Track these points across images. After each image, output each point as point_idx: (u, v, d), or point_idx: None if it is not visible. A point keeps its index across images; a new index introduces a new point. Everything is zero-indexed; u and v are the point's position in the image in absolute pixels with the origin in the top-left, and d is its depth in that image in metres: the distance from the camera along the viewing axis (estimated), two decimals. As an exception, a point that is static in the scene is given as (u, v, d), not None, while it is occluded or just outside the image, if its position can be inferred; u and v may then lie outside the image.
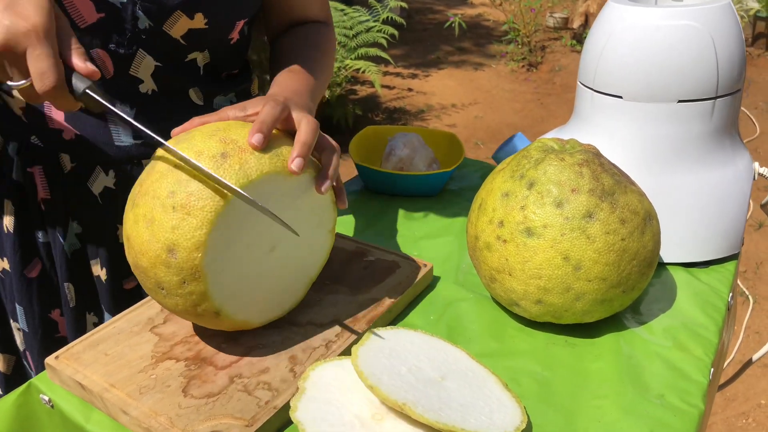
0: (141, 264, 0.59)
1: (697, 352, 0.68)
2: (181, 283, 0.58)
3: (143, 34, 0.74)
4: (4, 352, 0.91)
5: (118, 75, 0.76)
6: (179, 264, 0.57)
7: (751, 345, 2.16)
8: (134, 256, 0.59)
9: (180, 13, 0.74)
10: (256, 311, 0.65)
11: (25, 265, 0.85)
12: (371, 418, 0.55)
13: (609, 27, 0.80)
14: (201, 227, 0.56)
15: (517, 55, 5.14)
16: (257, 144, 0.58)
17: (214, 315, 0.61)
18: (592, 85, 0.82)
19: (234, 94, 0.88)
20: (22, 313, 0.86)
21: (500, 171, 0.71)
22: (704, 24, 0.76)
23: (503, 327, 0.72)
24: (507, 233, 0.67)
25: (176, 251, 0.57)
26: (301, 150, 0.60)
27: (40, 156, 0.80)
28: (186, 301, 0.59)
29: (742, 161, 0.83)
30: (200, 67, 0.81)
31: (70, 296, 0.85)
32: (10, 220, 0.83)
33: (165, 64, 0.77)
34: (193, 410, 0.58)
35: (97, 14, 0.71)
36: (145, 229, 0.57)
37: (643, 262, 0.67)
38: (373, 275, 0.76)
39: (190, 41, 0.77)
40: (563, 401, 0.62)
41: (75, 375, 0.62)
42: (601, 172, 0.66)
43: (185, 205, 0.56)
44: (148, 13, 0.73)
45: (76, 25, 0.71)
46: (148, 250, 0.57)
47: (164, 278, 0.58)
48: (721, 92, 0.77)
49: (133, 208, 0.59)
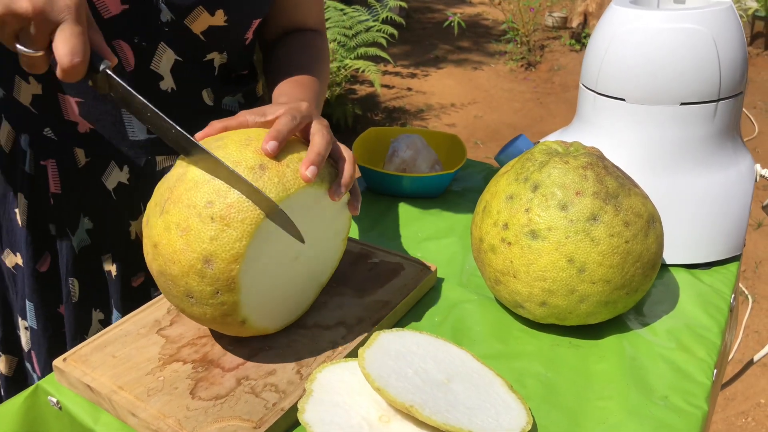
0: (170, 272, 0.58)
1: (700, 354, 0.68)
2: (214, 293, 0.58)
3: (165, 26, 0.74)
4: (6, 353, 0.91)
5: (139, 68, 0.76)
6: (215, 275, 0.57)
7: (751, 344, 2.16)
8: (162, 263, 0.59)
9: (201, 9, 0.74)
10: (275, 318, 0.66)
11: (37, 260, 0.85)
12: (378, 420, 0.56)
13: (611, 30, 0.80)
14: (241, 239, 0.57)
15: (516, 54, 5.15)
16: (270, 151, 0.59)
17: (240, 323, 0.61)
18: (595, 88, 0.83)
19: (241, 94, 0.88)
20: (32, 309, 0.86)
21: (504, 173, 0.72)
22: (706, 27, 0.76)
23: (508, 329, 0.73)
24: (511, 236, 0.67)
25: (213, 262, 0.57)
26: (315, 158, 0.61)
27: (54, 149, 0.80)
28: (215, 310, 0.59)
29: (744, 163, 0.83)
30: (216, 68, 0.82)
31: (73, 291, 0.85)
32: (23, 214, 0.83)
33: (185, 59, 0.78)
34: (201, 412, 0.58)
35: (121, 5, 0.72)
36: (179, 238, 0.57)
37: (647, 264, 0.67)
38: (378, 277, 0.77)
39: (209, 38, 0.78)
40: (568, 402, 0.62)
41: (83, 377, 0.62)
42: (605, 175, 0.67)
43: (224, 217, 0.56)
44: (170, 6, 0.73)
45: (100, 15, 0.71)
46: (181, 259, 0.57)
47: (196, 288, 0.58)
48: (723, 95, 0.78)
49: (163, 215, 0.59)
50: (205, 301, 0.58)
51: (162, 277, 0.60)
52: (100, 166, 0.80)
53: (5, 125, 0.81)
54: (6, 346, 0.90)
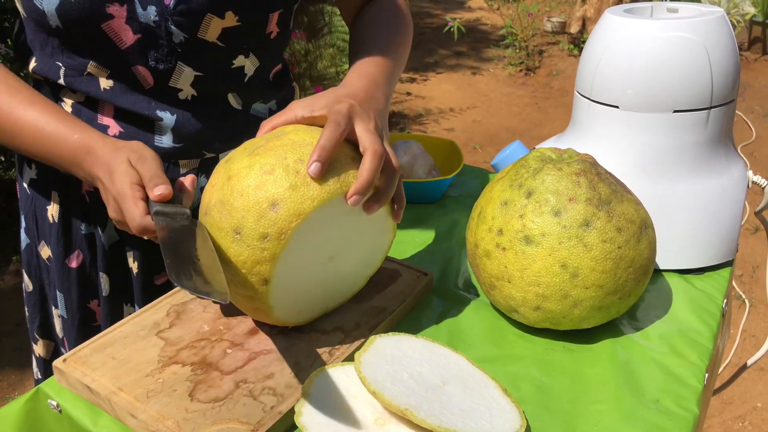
0: (233, 202, 0.60)
1: (692, 358, 0.69)
2: (262, 237, 0.59)
3: (179, 47, 0.77)
4: (44, 337, 0.96)
5: (158, 86, 0.80)
6: (274, 219, 0.59)
7: (747, 348, 2.17)
8: (228, 193, 0.61)
9: (210, 16, 0.76)
10: (291, 306, 0.67)
11: (67, 255, 0.89)
12: (374, 423, 0.57)
13: (606, 38, 0.82)
14: (313, 200, 0.59)
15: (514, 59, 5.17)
16: (314, 175, 0.59)
17: (263, 282, 0.61)
18: (590, 95, 0.84)
19: (275, 101, 0.90)
20: (62, 299, 0.90)
21: (499, 180, 0.73)
22: (699, 36, 0.77)
23: (503, 333, 0.74)
24: (506, 241, 0.68)
25: (280, 208, 0.59)
26: (360, 187, 0.61)
27: None
28: (253, 254, 0.60)
29: (736, 169, 0.84)
30: (247, 74, 0.84)
31: (104, 286, 0.89)
32: (56, 210, 0.87)
33: (205, 72, 0.80)
34: (200, 414, 0.59)
35: (134, 35, 0.75)
36: (259, 176, 0.60)
37: (639, 270, 0.68)
38: (376, 283, 0.78)
39: (227, 42, 0.79)
40: (562, 406, 0.63)
41: (83, 378, 0.63)
42: (598, 182, 0.68)
43: (309, 176, 0.60)
44: (180, 27, 0.75)
45: (117, 47, 0.75)
46: (250, 194, 0.59)
47: (250, 225, 0.59)
48: (715, 102, 0.79)
49: (251, 156, 0.62)
50: (250, 242, 0.60)
51: (219, 207, 0.61)
52: None
53: None
54: (43, 331, 0.95)
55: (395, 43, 0.84)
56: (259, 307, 0.64)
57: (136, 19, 0.74)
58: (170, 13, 0.74)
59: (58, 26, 0.74)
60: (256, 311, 0.66)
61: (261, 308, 0.64)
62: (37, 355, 0.97)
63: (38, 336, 0.96)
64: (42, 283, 0.93)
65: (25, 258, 0.93)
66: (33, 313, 0.95)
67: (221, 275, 0.55)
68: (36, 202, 0.89)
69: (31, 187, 0.89)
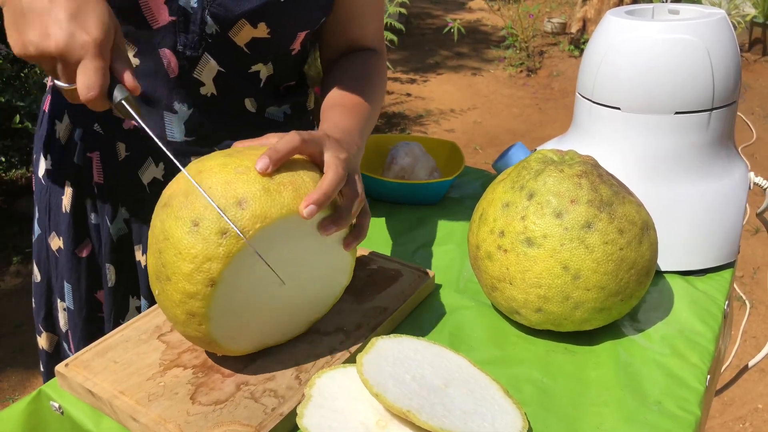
0: (198, 194, 0.57)
1: (694, 360, 0.69)
2: (221, 233, 0.56)
3: (209, 38, 0.78)
4: (47, 330, 0.97)
5: (182, 76, 0.80)
6: (238, 217, 0.56)
7: (748, 350, 2.17)
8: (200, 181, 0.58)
9: (244, 22, 0.77)
10: (236, 334, 0.63)
11: (77, 245, 0.90)
12: (376, 425, 0.57)
13: (607, 40, 0.82)
14: (282, 208, 0.58)
15: (515, 60, 5.17)
16: (260, 169, 0.58)
17: (208, 283, 0.57)
18: (591, 97, 0.84)
19: (288, 106, 0.91)
20: (69, 290, 0.92)
21: (501, 181, 0.73)
22: (700, 37, 0.77)
23: (504, 335, 0.74)
24: (508, 243, 0.68)
25: (246, 206, 0.57)
26: (318, 198, 0.58)
27: (100, 142, 0.85)
28: (205, 250, 0.56)
29: (738, 171, 0.84)
30: (262, 80, 0.85)
31: (110, 277, 0.91)
32: (68, 200, 0.89)
33: (228, 70, 0.81)
34: (201, 417, 0.59)
35: (169, 17, 0.76)
36: (232, 174, 0.58)
37: (641, 271, 0.68)
38: (377, 283, 0.78)
39: (253, 50, 0.80)
40: (563, 408, 0.63)
41: (85, 382, 0.63)
42: (600, 183, 0.68)
43: (282, 187, 0.58)
44: (215, 18, 0.76)
45: (149, 24, 0.76)
46: (219, 188, 0.57)
47: (211, 218, 0.56)
48: (717, 104, 0.79)
49: (228, 156, 0.60)
50: (207, 235, 0.56)
51: (182, 197, 0.58)
52: (138, 160, 0.85)
53: (66, 120, 0.87)
54: (47, 323, 0.97)
55: (372, 95, 0.84)
56: (195, 315, 0.59)
57: (176, 1, 0.75)
58: (209, 2, 0.75)
59: None
60: (189, 322, 0.60)
61: (197, 319, 0.59)
62: (40, 347, 0.99)
63: (42, 328, 0.97)
64: (50, 275, 0.95)
65: (35, 249, 0.95)
66: (39, 305, 0.97)
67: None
68: (51, 191, 0.91)
69: (46, 177, 0.91)
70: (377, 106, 0.85)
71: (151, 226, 0.61)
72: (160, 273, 0.59)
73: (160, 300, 0.61)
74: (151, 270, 0.61)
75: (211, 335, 0.60)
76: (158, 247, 0.59)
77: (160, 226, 0.59)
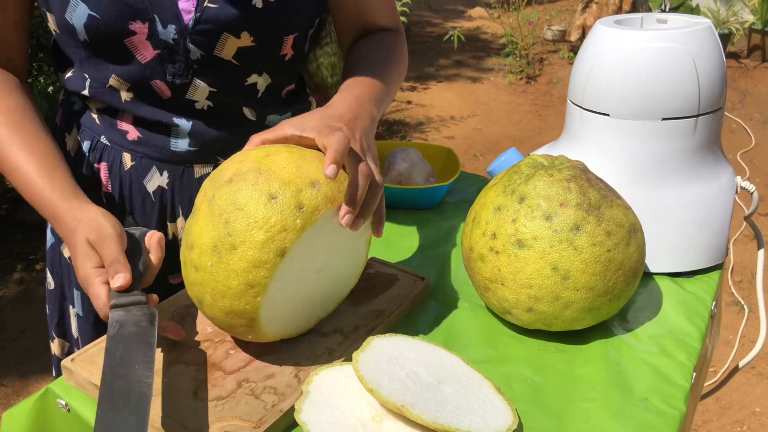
0: (275, 171, 0.62)
1: (681, 358, 0.71)
2: (298, 207, 0.61)
3: (196, 64, 0.81)
4: (60, 336, 0.99)
5: (175, 97, 0.83)
6: (314, 195, 0.62)
7: (745, 354, 2.19)
8: (268, 165, 0.63)
9: (227, 35, 0.79)
10: (281, 320, 0.67)
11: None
12: (371, 420, 0.59)
13: (596, 48, 0.84)
14: (341, 194, 0.64)
15: (515, 67, 5.20)
16: (331, 175, 0.61)
17: (280, 252, 0.61)
18: (581, 104, 0.86)
19: (290, 113, 0.93)
20: (79, 297, 0.94)
21: (493, 186, 0.75)
22: (686, 46, 0.80)
23: (497, 334, 0.76)
24: (499, 245, 0.70)
25: (320, 188, 0.62)
26: (334, 156, 0.62)
27: (106, 154, 0.88)
28: (282, 221, 0.60)
29: (725, 175, 0.87)
30: (260, 90, 0.87)
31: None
32: None
33: (220, 88, 0.84)
34: (203, 412, 0.61)
35: (153, 51, 0.79)
36: (299, 160, 0.64)
37: (629, 272, 0.70)
38: (374, 287, 0.80)
39: (242, 61, 0.82)
40: (553, 404, 0.65)
41: (91, 377, 0.65)
42: (588, 187, 0.70)
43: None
44: (197, 45, 0.79)
45: (138, 61, 0.80)
46: (292, 169, 0.63)
47: (288, 194, 0.61)
48: (702, 110, 0.81)
49: (288, 147, 0.66)
50: (284, 208, 0.60)
51: (255, 173, 0.62)
52: (143, 169, 0.87)
53: (74, 133, 0.90)
54: (60, 329, 0.99)
55: (387, 68, 0.86)
56: (255, 285, 0.61)
57: (157, 36, 0.78)
58: (189, 32, 0.78)
59: (85, 40, 0.78)
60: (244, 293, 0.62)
61: (255, 290, 0.61)
62: (53, 352, 1.01)
63: (55, 334, 0.99)
64: (62, 283, 0.97)
65: (49, 256, 0.97)
66: (52, 311, 0.99)
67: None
68: None
69: None
70: (397, 79, 0.88)
71: (212, 200, 0.63)
72: (224, 242, 0.61)
73: (209, 273, 0.62)
74: (207, 242, 0.62)
75: (258, 310, 0.63)
76: (225, 218, 0.61)
77: (228, 198, 0.62)
